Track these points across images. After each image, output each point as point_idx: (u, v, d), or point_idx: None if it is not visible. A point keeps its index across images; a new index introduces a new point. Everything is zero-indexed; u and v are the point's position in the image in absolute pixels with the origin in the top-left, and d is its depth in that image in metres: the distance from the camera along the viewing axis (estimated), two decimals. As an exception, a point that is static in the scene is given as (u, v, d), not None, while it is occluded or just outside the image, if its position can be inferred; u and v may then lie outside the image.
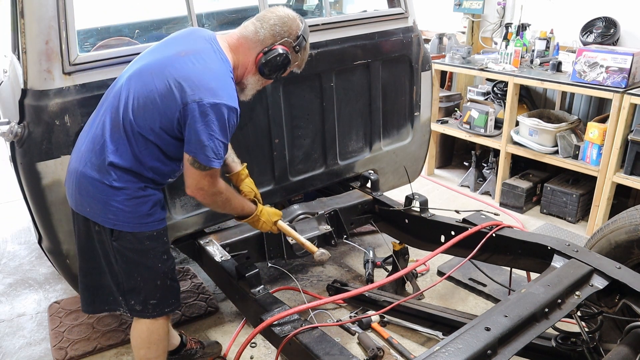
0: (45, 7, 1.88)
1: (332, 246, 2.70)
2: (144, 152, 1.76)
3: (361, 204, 2.82)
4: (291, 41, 1.83)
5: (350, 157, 2.97)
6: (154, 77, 1.72)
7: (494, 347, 1.49)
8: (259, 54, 1.81)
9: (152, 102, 1.70)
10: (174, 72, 1.70)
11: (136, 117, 1.72)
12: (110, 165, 1.74)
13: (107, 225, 1.79)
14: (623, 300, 1.80)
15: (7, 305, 3.01)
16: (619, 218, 2.08)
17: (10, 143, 2.03)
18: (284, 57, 1.82)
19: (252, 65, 1.84)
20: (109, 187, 1.75)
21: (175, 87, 1.67)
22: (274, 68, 1.83)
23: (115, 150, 1.74)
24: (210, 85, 1.68)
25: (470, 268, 2.78)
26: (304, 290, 2.97)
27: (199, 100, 1.64)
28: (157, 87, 1.70)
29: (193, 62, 1.72)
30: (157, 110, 1.70)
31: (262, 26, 1.81)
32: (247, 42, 1.82)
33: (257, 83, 1.89)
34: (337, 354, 1.65)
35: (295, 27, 1.83)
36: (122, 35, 3.31)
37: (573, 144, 3.56)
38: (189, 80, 1.67)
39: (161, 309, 1.95)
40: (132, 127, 1.73)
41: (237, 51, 1.83)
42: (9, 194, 4.33)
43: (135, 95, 1.73)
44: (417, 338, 2.59)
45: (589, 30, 3.71)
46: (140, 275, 1.87)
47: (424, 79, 3.10)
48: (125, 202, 1.77)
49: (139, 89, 1.73)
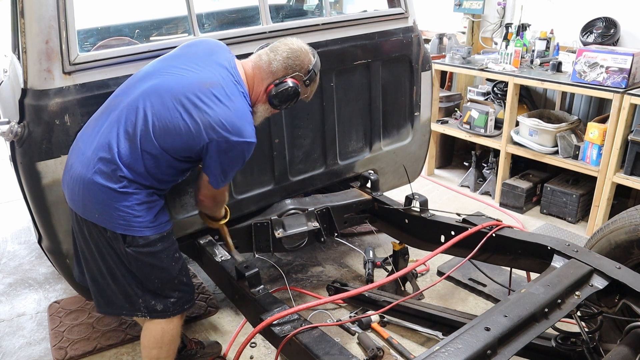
0: (45, 7, 1.88)
1: (321, 243, 2.71)
2: (155, 166, 1.81)
3: (356, 204, 2.82)
4: (302, 75, 1.92)
5: (350, 157, 2.97)
6: (176, 104, 1.76)
7: (494, 347, 1.49)
8: (270, 84, 1.90)
9: (176, 129, 1.76)
10: (201, 111, 1.77)
11: (157, 138, 1.77)
12: (121, 176, 1.76)
13: (118, 231, 1.80)
14: (623, 300, 1.79)
15: (7, 305, 3.01)
16: (619, 218, 2.08)
17: (10, 143, 2.03)
18: (294, 91, 1.91)
19: (263, 94, 1.93)
20: (120, 193, 1.77)
21: (202, 124, 1.75)
22: (283, 100, 1.91)
23: (128, 163, 1.77)
24: (235, 125, 1.78)
25: (470, 268, 2.78)
26: (303, 291, 2.98)
27: (225, 139, 1.76)
28: (183, 117, 1.76)
29: (219, 97, 1.78)
30: (180, 139, 1.77)
31: (276, 58, 1.89)
32: (261, 72, 1.91)
33: (265, 111, 1.97)
34: (337, 354, 1.65)
35: (307, 61, 1.93)
36: (122, 35, 3.32)
37: (573, 144, 3.56)
38: (216, 121, 1.75)
39: (181, 306, 1.99)
40: (149, 145, 1.77)
41: (252, 80, 1.92)
42: (9, 194, 4.33)
43: (156, 116, 1.76)
44: (417, 338, 2.59)
45: (589, 31, 3.71)
46: (157, 277, 1.91)
47: (424, 79, 3.10)
48: (135, 206, 1.80)
49: (160, 110, 1.77)
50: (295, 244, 2.66)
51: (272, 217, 2.61)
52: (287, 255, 3.34)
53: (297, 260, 3.30)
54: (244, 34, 2.41)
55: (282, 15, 3.93)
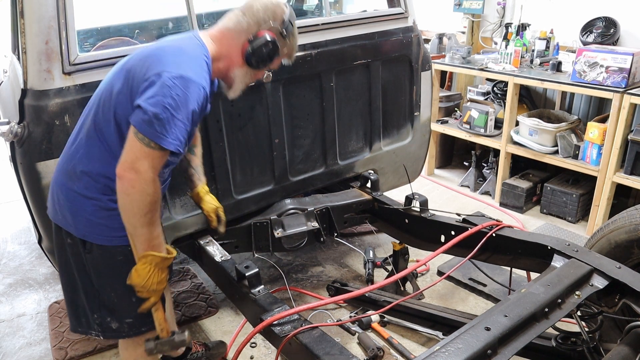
0: (45, 7, 1.88)
1: (320, 243, 2.72)
2: (109, 151, 1.59)
3: (356, 204, 2.82)
4: (277, 26, 1.69)
5: (350, 157, 2.97)
6: (117, 71, 1.62)
7: (494, 347, 1.49)
8: (244, 43, 1.68)
9: (117, 91, 1.56)
10: (137, 54, 1.59)
11: (102, 111, 1.59)
12: (81, 172, 1.63)
13: (77, 234, 1.66)
14: (623, 300, 1.79)
15: (7, 305, 3.01)
16: (619, 218, 2.08)
17: (10, 143, 2.03)
18: (272, 44, 1.68)
19: (238, 56, 1.70)
20: (79, 195, 1.63)
21: (138, 66, 1.53)
22: (262, 57, 1.68)
23: (85, 154, 1.62)
24: (176, 60, 1.52)
25: (470, 268, 2.78)
26: (303, 291, 2.98)
27: (160, 72, 1.47)
28: (117, 75, 1.58)
29: (159, 44, 1.61)
30: (122, 97, 1.55)
31: (245, 14, 1.68)
32: (230, 32, 1.69)
33: (245, 76, 1.75)
34: (337, 354, 1.65)
35: (280, 11, 1.70)
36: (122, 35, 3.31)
37: (573, 143, 3.56)
38: (151, 56, 1.54)
39: (138, 328, 1.77)
40: (95, 126, 1.60)
41: (220, 42, 1.69)
42: (9, 194, 4.33)
43: (100, 92, 1.64)
44: (417, 338, 2.59)
45: (589, 30, 3.71)
46: (114, 291, 1.71)
47: (424, 79, 3.10)
48: (95, 213, 1.63)
49: (103, 86, 1.64)
50: (294, 244, 2.66)
51: (271, 217, 2.62)
52: (287, 255, 3.34)
53: (297, 260, 3.30)
54: (243, 34, 2.41)
55: (281, 15, 3.92)
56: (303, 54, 2.55)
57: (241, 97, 2.42)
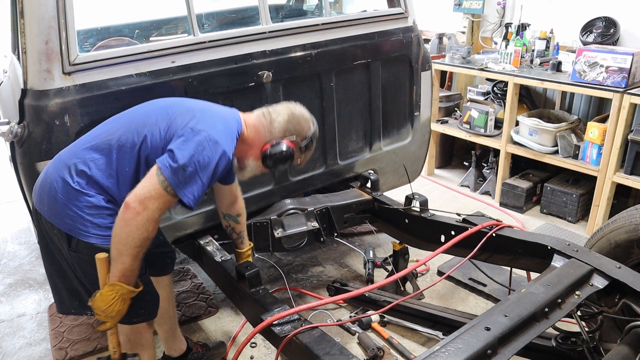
0: (45, 7, 1.88)
1: (320, 243, 2.72)
2: (123, 171, 1.68)
3: (356, 204, 2.82)
4: (299, 141, 1.87)
5: (350, 157, 2.97)
6: (159, 108, 1.78)
7: (494, 347, 1.49)
8: (267, 143, 1.85)
9: (153, 124, 1.70)
10: (185, 104, 1.76)
11: (131, 134, 1.69)
12: (81, 170, 1.66)
13: (63, 229, 1.67)
14: (623, 300, 1.79)
15: (7, 306, 3.01)
16: (619, 218, 2.08)
17: (10, 143, 2.03)
18: (289, 154, 1.85)
19: (258, 151, 1.86)
20: (71, 188, 1.64)
21: (183, 115, 1.69)
22: (276, 161, 1.85)
23: (93, 159, 1.66)
24: (216, 125, 1.68)
25: (470, 268, 2.78)
26: (304, 291, 2.98)
27: (200, 129, 1.63)
28: (159, 113, 1.74)
29: (207, 104, 1.80)
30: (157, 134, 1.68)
31: (277, 119, 1.85)
32: (261, 127, 1.86)
33: (256, 168, 1.90)
34: (337, 354, 1.65)
35: (306, 128, 1.89)
36: (122, 35, 3.31)
37: (573, 143, 3.56)
38: (198, 111, 1.71)
39: (129, 318, 1.76)
40: (119, 144, 1.67)
41: (250, 130, 1.85)
42: (9, 194, 4.33)
43: (133, 117, 1.78)
44: (417, 338, 2.59)
45: (589, 30, 3.71)
46: None
47: (424, 79, 3.10)
48: (85, 209, 1.65)
49: (138, 113, 1.79)
50: (294, 244, 2.66)
51: (271, 217, 2.62)
52: (287, 255, 3.34)
53: (297, 260, 3.30)
54: (243, 34, 2.41)
55: (281, 15, 3.93)
56: (303, 53, 2.55)
57: (241, 97, 2.45)
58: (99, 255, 1.60)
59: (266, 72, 2.44)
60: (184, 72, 2.24)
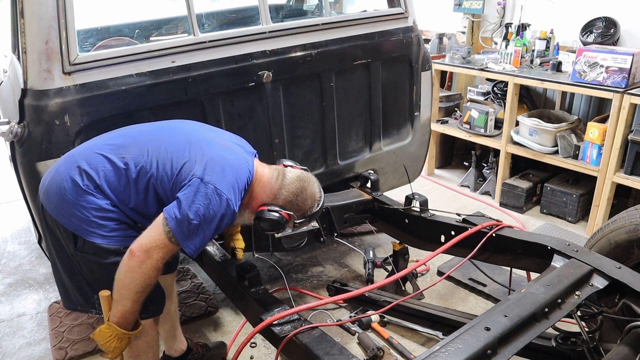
0: (45, 7, 1.88)
1: (320, 243, 2.71)
2: (129, 191, 1.71)
3: (356, 204, 2.82)
4: (296, 217, 1.82)
5: (350, 157, 2.97)
6: (181, 143, 1.75)
7: (494, 347, 1.49)
8: (266, 205, 1.79)
9: (169, 152, 1.71)
10: (207, 147, 1.73)
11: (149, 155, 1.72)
12: (90, 176, 1.67)
13: (69, 228, 1.69)
14: (623, 300, 1.79)
15: (7, 305, 3.01)
16: (619, 218, 2.08)
17: (10, 143, 2.03)
18: (280, 225, 1.79)
19: (256, 206, 1.81)
20: (80, 189, 1.66)
21: (199, 158, 1.68)
22: (266, 226, 1.80)
23: (104, 169, 1.68)
24: (227, 177, 1.66)
25: (470, 268, 2.78)
26: (303, 291, 2.98)
27: (209, 182, 1.62)
28: (181, 143, 1.74)
29: (225, 150, 1.76)
30: (168, 168, 1.69)
31: (286, 187, 1.80)
32: (270, 184, 1.81)
33: (247, 220, 1.85)
34: (337, 354, 1.65)
35: (309, 207, 1.83)
36: (122, 35, 3.31)
37: (573, 144, 3.56)
38: (213, 160, 1.68)
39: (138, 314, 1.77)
40: (135, 161, 1.70)
41: (259, 185, 1.81)
42: (9, 194, 4.33)
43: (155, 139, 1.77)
44: (417, 338, 2.59)
45: (589, 30, 3.71)
46: (107, 286, 1.69)
47: (424, 79, 3.10)
48: (92, 210, 1.66)
49: (162, 137, 1.79)
50: (294, 244, 2.66)
51: (271, 217, 2.61)
52: (287, 255, 3.34)
53: (297, 260, 3.30)
54: (243, 34, 2.41)
55: (281, 15, 3.93)
56: (303, 53, 2.55)
57: (241, 97, 2.45)
58: (102, 293, 1.67)
59: (266, 72, 2.44)
60: (184, 72, 2.24)
